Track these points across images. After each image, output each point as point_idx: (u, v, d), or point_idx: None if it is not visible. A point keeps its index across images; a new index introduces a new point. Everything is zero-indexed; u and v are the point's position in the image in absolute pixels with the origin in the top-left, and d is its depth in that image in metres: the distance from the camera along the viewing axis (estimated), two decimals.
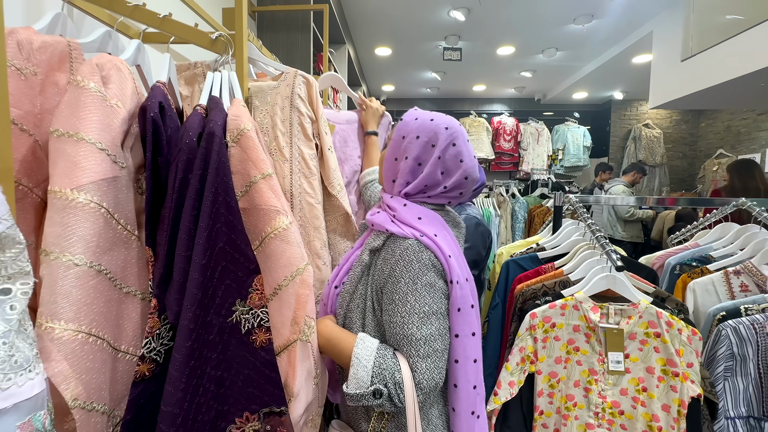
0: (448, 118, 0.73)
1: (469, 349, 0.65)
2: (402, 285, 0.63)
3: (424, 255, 0.64)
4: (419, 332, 0.61)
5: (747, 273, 1.17)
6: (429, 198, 0.72)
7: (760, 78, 2.55)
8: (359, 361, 0.60)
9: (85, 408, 0.42)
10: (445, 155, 0.69)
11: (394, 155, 0.73)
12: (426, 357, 0.61)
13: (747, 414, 1.03)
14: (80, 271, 0.44)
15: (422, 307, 0.62)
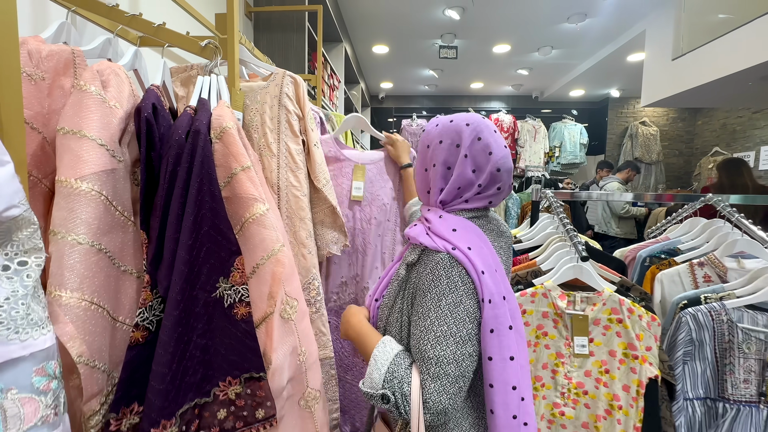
0: (470, 115, 0.71)
1: (506, 374, 0.60)
2: (427, 300, 0.61)
3: (454, 271, 0.60)
4: (432, 351, 0.59)
5: (710, 264, 1.24)
6: (467, 203, 0.69)
7: (747, 77, 2.60)
8: (375, 362, 0.61)
9: (88, 364, 0.50)
10: (472, 151, 0.66)
11: (423, 166, 0.72)
12: (435, 378, 0.58)
13: (705, 395, 1.10)
14: (83, 248, 0.51)
15: (440, 326, 0.59)
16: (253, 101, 1.11)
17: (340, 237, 1.22)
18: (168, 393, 0.53)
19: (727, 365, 1.06)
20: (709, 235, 1.29)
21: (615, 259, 1.33)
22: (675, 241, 1.38)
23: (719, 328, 1.07)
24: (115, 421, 0.54)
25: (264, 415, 0.63)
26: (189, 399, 0.57)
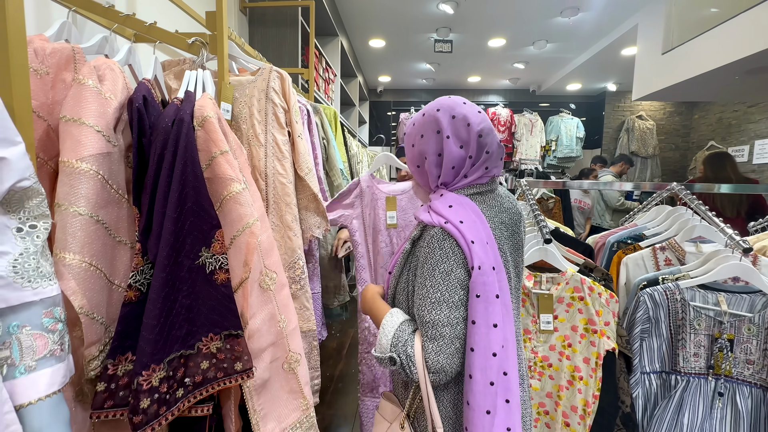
0: (436, 101, 0.74)
1: (488, 340, 0.62)
2: (425, 270, 0.66)
3: (446, 243, 0.65)
4: (428, 316, 0.64)
5: (671, 249, 1.32)
6: (467, 178, 0.72)
7: (733, 70, 2.64)
8: (384, 330, 0.68)
9: (88, 315, 0.60)
10: (453, 129, 0.69)
11: (415, 164, 0.76)
12: (433, 339, 0.63)
13: (660, 369, 1.19)
14: (83, 219, 0.61)
15: (435, 293, 0.64)
16: (242, 94, 1.19)
17: (322, 222, 1.32)
18: (157, 342, 0.62)
19: (680, 341, 1.14)
20: (671, 222, 1.37)
21: (583, 244, 1.41)
22: (641, 227, 1.46)
23: (673, 306, 1.15)
24: (112, 366, 0.63)
25: (242, 368, 0.72)
26: (175, 349, 0.66)
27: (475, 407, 0.62)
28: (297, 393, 0.91)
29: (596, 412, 1.12)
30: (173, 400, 0.66)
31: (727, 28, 2.54)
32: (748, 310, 1.08)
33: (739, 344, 1.08)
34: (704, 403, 1.12)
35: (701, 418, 1.12)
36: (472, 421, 0.62)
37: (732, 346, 1.09)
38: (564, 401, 1.19)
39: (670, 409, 1.15)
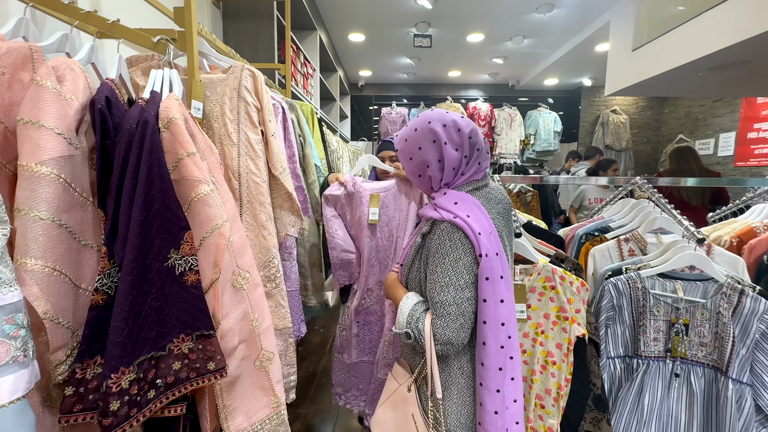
0: (421, 116, 0.85)
1: (497, 314, 0.75)
2: (436, 259, 0.78)
3: (455, 235, 0.76)
4: (438, 297, 0.76)
5: (634, 240, 1.38)
6: (464, 175, 0.84)
7: (697, 67, 2.76)
8: (401, 310, 0.82)
9: (53, 320, 0.59)
10: (448, 135, 0.81)
11: (417, 173, 0.86)
12: (440, 317, 0.76)
13: (624, 354, 1.26)
14: (45, 223, 0.60)
15: (443, 278, 0.76)
16: (213, 92, 1.18)
17: (297, 220, 1.32)
18: (125, 345, 0.63)
19: (641, 326, 1.21)
20: (635, 214, 1.44)
21: (555, 236, 1.47)
22: (608, 220, 1.52)
23: (635, 294, 1.21)
24: (80, 370, 0.63)
25: (215, 367, 0.73)
26: (145, 351, 0.66)
27: (489, 366, 0.76)
28: (268, 390, 0.93)
29: (569, 394, 1.18)
30: (144, 401, 0.66)
31: (691, 26, 2.65)
32: (702, 297, 1.15)
33: (694, 328, 1.15)
34: (662, 384, 1.19)
35: (660, 398, 1.19)
36: (487, 378, 0.77)
37: (687, 330, 1.16)
38: (538, 385, 1.24)
39: (633, 391, 1.22)
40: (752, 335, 1.08)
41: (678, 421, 1.18)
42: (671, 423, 1.18)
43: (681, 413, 1.17)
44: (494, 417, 0.76)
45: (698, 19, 2.57)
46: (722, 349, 1.12)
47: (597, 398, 1.27)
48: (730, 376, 1.10)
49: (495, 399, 0.76)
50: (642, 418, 1.20)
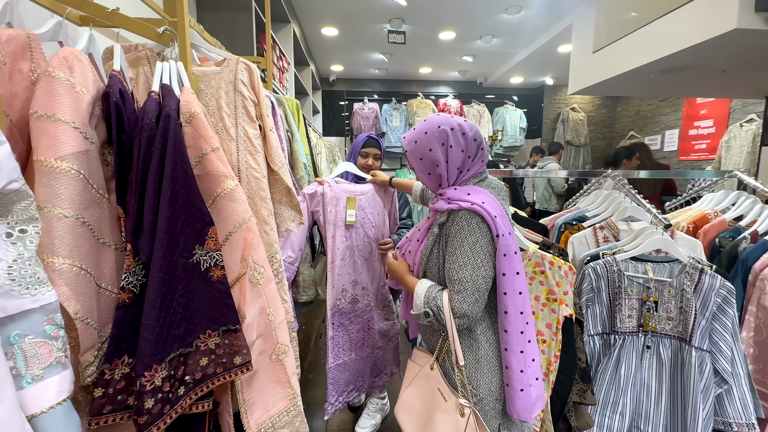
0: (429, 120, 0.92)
1: (515, 285, 0.86)
2: (455, 242, 0.86)
3: (474, 220, 0.85)
4: (456, 275, 0.85)
5: (608, 228, 1.51)
6: (469, 171, 0.94)
7: (649, 70, 3.01)
8: (417, 294, 0.91)
9: (84, 321, 0.57)
10: (455, 140, 0.89)
11: (426, 171, 0.94)
12: (458, 292, 0.85)
13: (602, 331, 1.38)
14: (69, 221, 0.58)
15: (462, 258, 0.84)
16: (208, 86, 1.15)
17: (296, 215, 1.32)
18: (157, 342, 0.62)
19: (617, 305, 1.33)
20: (608, 204, 1.58)
21: (539, 224, 1.57)
22: (584, 210, 1.65)
23: (611, 276, 1.34)
24: (108, 371, 0.61)
25: (241, 361, 0.73)
26: (175, 348, 0.66)
27: (512, 332, 0.87)
28: (284, 383, 0.94)
29: (558, 370, 1.28)
30: (175, 398, 0.66)
31: (644, 33, 2.89)
32: (668, 276, 1.29)
33: (662, 304, 1.29)
34: (636, 356, 1.33)
35: (634, 368, 1.32)
36: (510, 342, 0.87)
37: (657, 307, 1.30)
38: None
39: (611, 364, 1.34)
40: (710, 308, 1.23)
41: (650, 388, 1.32)
42: (644, 390, 1.32)
43: (652, 380, 1.31)
44: (520, 375, 0.87)
45: (650, 26, 2.81)
46: (686, 322, 1.26)
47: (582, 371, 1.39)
48: (693, 344, 1.25)
49: (519, 359, 0.87)
50: (619, 387, 1.33)
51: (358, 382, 1.73)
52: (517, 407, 0.89)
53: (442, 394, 0.91)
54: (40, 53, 0.72)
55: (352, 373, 1.70)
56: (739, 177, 1.64)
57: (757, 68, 2.92)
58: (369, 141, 1.72)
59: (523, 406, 0.88)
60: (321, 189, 1.62)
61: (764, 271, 1.29)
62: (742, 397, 1.24)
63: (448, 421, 0.88)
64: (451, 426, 0.87)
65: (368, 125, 5.76)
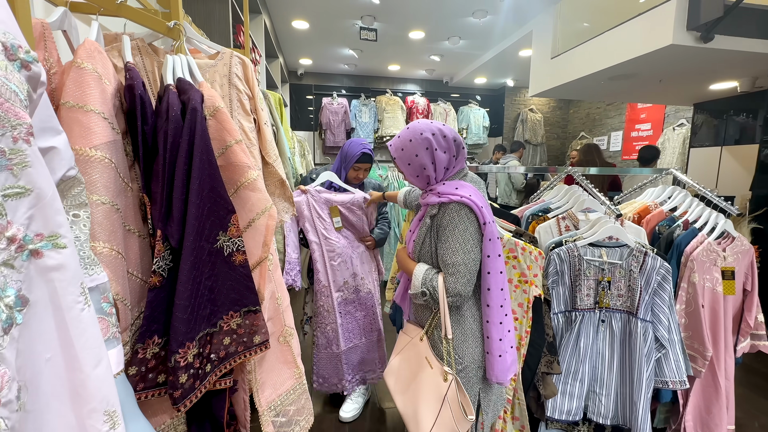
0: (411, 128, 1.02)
1: (497, 264, 0.98)
2: (447, 231, 0.97)
3: (463, 210, 0.96)
4: (450, 259, 0.96)
5: (569, 218, 1.70)
6: (454, 169, 1.05)
7: (599, 77, 3.33)
8: (416, 275, 1.01)
9: (123, 302, 0.60)
10: (438, 143, 1.00)
11: (415, 174, 1.03)
12: (452, 275, 0.95)
13: (565, 309, 1.56)
14: (106, 208, 0.60)
15: (454, 244, 0.95)
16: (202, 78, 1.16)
17: (290, 207, 1.37)
18: (189, 321, 0.66)
19: (577, 286, 1.52)
20: (569, 197, 1.77)
21: (511, 215, 1.73)
22: (548, 202, 1.84)
23: (573, 261, 1.52)
24: (141, 350, 0.65)
25: (260, 340, 0.79)
26: (203, 328, 0.70)
27: (493, 306, 0.99)
28: (291, 363, 1.00)
29: (528, 344, 1.44)
30: (203, 374, 0.70)
31: (596, 43, 3.18)
32: (619, 259, 1.49)
33: (614, 283, 1.49)
34: (593, 329, 1.52)
35: (591, 340, 1.52)
36: (491, 314, 0.99)
37: (610, 286, 1.50)
38: None
39: (572, 338, 1.53)
40: (652, 284, 1.45)
41: (604, 356, 1.52)
42: (599, 358, 1.52)
43: (606, 350, 1.52)
44: (499, 343, 1.00)
45: (601, 37, 3.11)
46: (633, 298, 1.47)
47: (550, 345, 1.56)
48: (639, 317, 1.46)
49: (499, 329, 0.99)
50: (579, 357, 1.52)
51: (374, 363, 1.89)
52: (495, 371, 1.01)
53: (428, 362, 1.02)
54: (51, 42, 0.72)
55: (363, 354, 1.86)
56: (674, 174, 1.91)
57: (687, 79, 3.33)
58: (364, 156, 1.78)
59: (501, 369, 1.01)
60: (305, 198, 1.72)
61: (693, 254, 1.54)
62: (677, 360, 1.47)
63: (432, 383, 1.00)
64: (434, 388, 0.99)
65: (337, 120, 5.77)
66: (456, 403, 0.95)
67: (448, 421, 0.94)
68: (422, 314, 1.11)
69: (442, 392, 0.97)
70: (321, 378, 1.79)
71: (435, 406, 0.97)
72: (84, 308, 0.40)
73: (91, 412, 0.38)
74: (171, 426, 0.75)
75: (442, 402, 0.95)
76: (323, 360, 1.77)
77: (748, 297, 1.60)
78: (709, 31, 2.34)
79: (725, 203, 1.67)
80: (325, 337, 1.76)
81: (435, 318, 1.05)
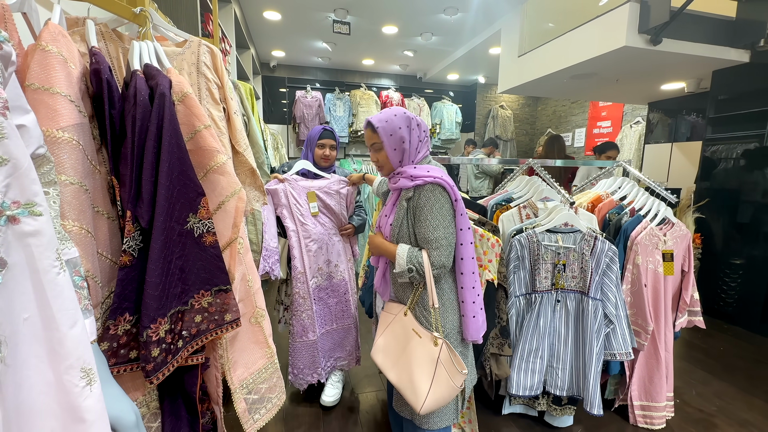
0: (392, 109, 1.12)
1: (467, 236, 1.08)
2: (425, 210, 1.05)
3: (437, 190, 1.04)
4: (431, 235, 1.04)
5: (529, 207, 1.82)
6: (422, 154, 1.14)
7: (562, 75, 3.50)
8: (399, 256, 1.07)
9: (93, 279, 0.62)
10: (415, 126, 1.12)
11: (393, 147, 1.10)
12: (435, 249, 1.04)
13: (526, 292, 1.67)
14: (74, 188, 0.62)
15: (434, 221, 1.03)
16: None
17: (260, 195, 1.39)
18: (160, 298, 0.69)
19: (536, 270, 1.63)
20: (529, 187, 1.88)
21: (478, 205, 1.83)
22: (511, 192, 1.95)
23: (532, 246, 1.63)
24: (113, 327, 0.67)
25: (231, 318, 0.82)
26: (174, 305, 0.73)
27: (466, 273, 1.09)
28: (262, 343, 1.04)
29: None
30: (175, 350, 0.73)
31: (559, 42, 3.34)
32: (572, 243, 1.62)
33: (569, 266, 1.62)
34: (550, 309, 1.64)
35: (549, 319, 1.64)
36: (464, 281, 1.10)
37: (565, 268, 1.62)
38: None
39: (532, 318, 1.64)
40: (602, 266, 1.58)
41: (560, 334, 1.65)
42: (555, 335, 1.65)
43: (561, 327, 1.64)
44: (472, 305, 1.10)
45: (563, 37, 3.27)
46: (585, 278, 1.60)
47: (502, 329, 1.67)
48: (590, 296, 1.59)
49: (471, 294, 1.10)
50: (539, 335, 1.64)
51: (344, 350, 1.93)
52: (470, 331, 1.12)
53: (416, 332, 1.10)
54: (12, 25, 0.72)
55: (336, 341, 1.90)
56: (623, 167, 2.06)
57: (641, 79, 3.56)
58: (325, 132, 1.84)
59: (475, 329, 1.12)
60: (282, 186, 1.74)
61: (637, 238, 1.69)
62: (623, 334, 1.62)
63: (423, 351, 1.07)
64: (426, 354, 1.06)
65: (311, 114, 5.74)
66: (449, 362, 1.04)
67: (444, 380, 1.03)
68: (404, 292, 1.18)
69: (435, 356, 1.05)
70: (296, 369, 1.82)
71: (429, 369, 1.05)
72: (60, 272, 0.43)
73: (68, 369, 0.41)
74: (143, 402, 0.77)
75: (435, 365, 1.04)
76: (298, 350, 1.80)
77: (685, 277, 1.77)
78: (657, 35, 2.53)
79: (666, 192, 1.84)
80: (300, 325, 1.79)
81: (416, 293, 1.13)
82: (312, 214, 1.80)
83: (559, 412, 1.76)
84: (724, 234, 3.10)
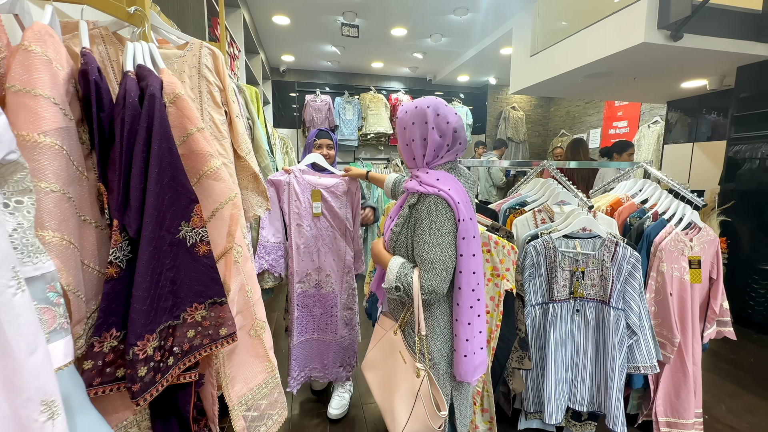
0: (427, 98, 0.97)
1: (470, 264, 0.93)
2: (424, 225, 0.93)
3: (440, 205, 0.91)
4: (426, 255, 0.91)
5: (545, 211, 1.73)
6: (442, 159, 0.99)
7: (577, 75, 3.40)
8: (390, 269, 0.97)
9: (75, 293, 0.58)
10: (436, 124, 0.94)
11: (405, 142, 0.99)
12: (428, 271, 0.91)
13: (542, 301, 1.59)
14: (56, 196, 0.58)
15: (431, 239, 0.91)
16: (170, 69, 1.13)
17: (263, 201, 1.35)
18: (148, 313, 0.64)
19: (553, 278, 1.54)
20: (544, 190, 1.80)
21: (489, 209, 1.75)
22: (525, 196, 1.87)
23: (548, 253, 1.54)
24: (98, 343, 0.63)
25: (227, 333, 0.77)
26: (164, 320, 0.68)
27: (463, 305, 0.95)
28: (263, 357, 0.99)
29: (498, 338, 1.45)
30: (165, 368, 0.68)
31: (573, 41, 3.24)
32: (592, 249, 1.53)
33: (588, 274, 1.53)
34: (569, 318, 1.55)
35: (568, 328, 1.55)
36: (461, 314, 0.95)
37: (584, 276, 1.53)
38: None
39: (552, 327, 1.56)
40: (623, 273, 1.49)
41: (579, 343, 1.55)
42: (575, 345, 1.56)
43: (581, 337, 1.55)
44: (465, 343, 0.96)
45: (577, 35, 3.17)
46: (605, 287, 1.51)
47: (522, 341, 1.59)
48: (611, 305, 1.49)
49: (467, 330, 0.95)
50: (558, 345, 1.55)
51: (321, 362, 1.81)
52: (460, 370, 0.97)
53: (402, 356, 1.02)
54: (0, 26, 0.69)
55: (314, 352, 1.79)
56: (645, 168, 1.96)
57: (660, 77, 3.43)
58: (320, 133, 1.81)
59: (465, 370, 0.97)
60: (287, 178, 1.67)
61: (661, 244, 1.58)
62: (647, 346, 1.52)
63: (406, 379, 0.99)
64: (408, 383, 0.98)
65: (321, 117, 5.73)
66: (429, 399, 0.93)
67: (422, 417, 0.93)
68: (396, 308, 1.10)
69: (415, 388, 0.96)
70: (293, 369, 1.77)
71: (409, 401, 0.96)
72: (17, 293, 0.38)
73: (26, 402, 0.37)
74: (134, 422, 0.73)
75: (415, 398, 0.95)
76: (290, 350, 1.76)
77: (713, 285, 1.66)
78: (678, 30, 2.42)
79: (692, 195, 1.73)
80: (287, 324, 1.75)
81: (408, 313, 1.03)
82: (314, 215, 1.69)
83: (579, 429, 1.67)
84: (751, 237, 2.94)
